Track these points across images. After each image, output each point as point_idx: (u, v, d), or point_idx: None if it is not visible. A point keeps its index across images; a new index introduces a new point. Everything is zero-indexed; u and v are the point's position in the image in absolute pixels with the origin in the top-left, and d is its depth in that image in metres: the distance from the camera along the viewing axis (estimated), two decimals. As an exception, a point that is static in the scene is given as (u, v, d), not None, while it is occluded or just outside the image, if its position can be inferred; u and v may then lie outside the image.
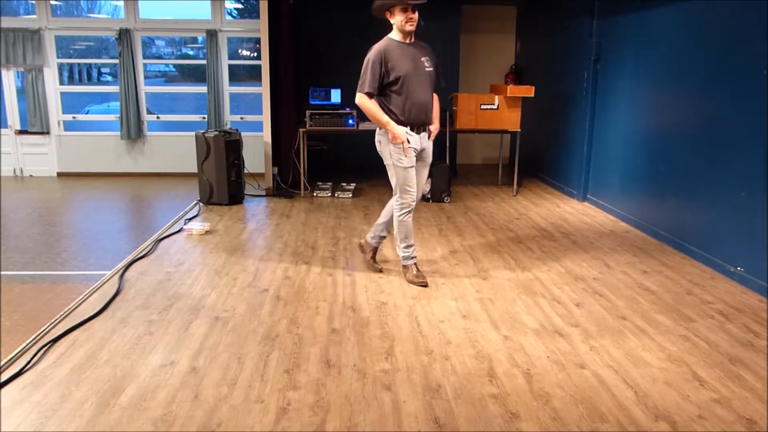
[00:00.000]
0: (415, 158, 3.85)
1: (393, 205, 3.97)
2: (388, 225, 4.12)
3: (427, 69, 3.80)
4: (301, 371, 2.79)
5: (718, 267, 4.22)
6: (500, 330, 3.25)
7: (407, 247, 3.99)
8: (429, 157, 4.00)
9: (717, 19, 4.28)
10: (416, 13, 3.72)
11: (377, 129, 3.87)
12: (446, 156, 6.71)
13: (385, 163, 3.91)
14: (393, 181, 3.89)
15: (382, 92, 3.77)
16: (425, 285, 3.91)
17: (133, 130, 8.26)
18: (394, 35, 3.81)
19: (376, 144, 3.91)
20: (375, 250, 4.25)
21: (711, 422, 2.41)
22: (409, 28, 3.72)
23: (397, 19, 3.73)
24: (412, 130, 3.80)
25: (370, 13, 3.85)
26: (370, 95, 3.72)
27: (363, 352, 2.98)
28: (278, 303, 3.61)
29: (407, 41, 3.80)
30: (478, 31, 8.78)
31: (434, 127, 3.97)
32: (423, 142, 3.88)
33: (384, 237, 4.22)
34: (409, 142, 3.77)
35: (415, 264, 4.01)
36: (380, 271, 4.18)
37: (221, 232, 5.21)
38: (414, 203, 3.93)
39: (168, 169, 8.45)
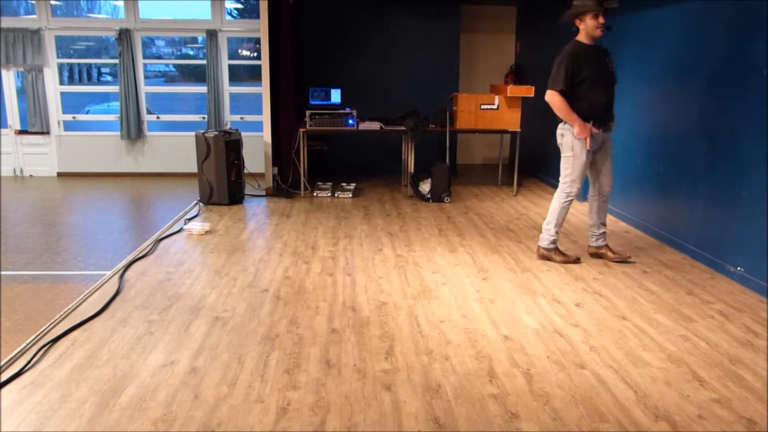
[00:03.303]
0: (591, 153, 4.19)
1: (558, 194, 4.33)
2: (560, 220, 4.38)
3: (610, 70, 4.16)
4: (301, 371, 2.79)
5: (718, 267, 4.22)
6: (500, 330, 3.25)
7: (556, 232, 4.37)
8: (610, 148, 4.30)
9: (717, 19, 4.28)
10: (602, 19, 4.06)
11: (561, 123, 4.20)
12: (446, 156, 6.71)
13: (563, 155, 4.25)
14: (566, 173, 4.25)
15: (570, 90, 4.08)
16: (578, 260, 4.39)
17: (133, 130, 8.26)
18: (582, 39, 4.13)
19: (558, 137, 4.25)
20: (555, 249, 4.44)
21: (711, 422, 2.41)
22: (599, 33, 4.07)
23: (588, 25, 4.06)
24: (595, 126, 4.12)
25: (370, 13, 3.92)
26: (562, 93, 4.07)
27: (363, 352, 2.98)
28: (278, 303, 3.61)
29: (593, 44, 4.13)
30: (478, 31, 8.78)
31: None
32: (604, 136, 4.22)
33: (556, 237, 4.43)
34: (592, 137, 4.12)
35: (556, 247, 4.42)
36: (577, 260, 4.41)
37: (221, 232, 5.21)
38: (576, 195, 4.32)
39: (168, 169, 8.45)
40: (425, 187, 6.48)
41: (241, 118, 8.51)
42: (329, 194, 6.70)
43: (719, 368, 2.85)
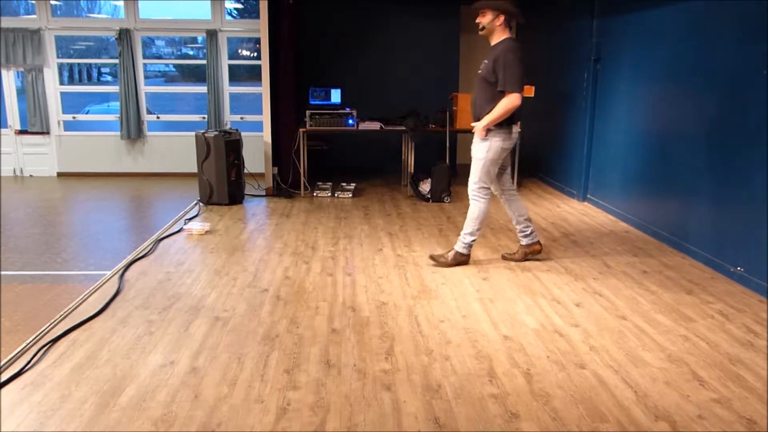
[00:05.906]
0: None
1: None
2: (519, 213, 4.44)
3: (478, 72, 4.22)
4: (301, 371, 2.79)
5: (718, 267, 4.22)
6: (500, 330, 3.25)
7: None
8: (473, 150, 4.21)
9: (717, 19, 4.28)
10: (480, 17, 4.15)
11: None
12: (446, 156, 6.71)
13: None
14: None
15: None
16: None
17: (133, 130, 8.26)
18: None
19: None
20: (525, 247, 4.42)
21: (711, 422, 2.41)
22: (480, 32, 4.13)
23: None
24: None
25: (370, 13, 3.97)
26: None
27: (363, 352, 2.98)
28: (278, 303, 3.61)
29: (492, 45, 4.18)
30: (478, 31, 8.77)
31: (477, 123, 4.14)
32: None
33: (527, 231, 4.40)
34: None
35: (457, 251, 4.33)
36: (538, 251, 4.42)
37: (221, 232, 5.21)
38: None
39: (168, 169, 8.45)
40: (425, 187, 6.48)
41: (241, 118, 8.51)
42: (329, 194, 6.70)
43: (719, 368, 2.85)
